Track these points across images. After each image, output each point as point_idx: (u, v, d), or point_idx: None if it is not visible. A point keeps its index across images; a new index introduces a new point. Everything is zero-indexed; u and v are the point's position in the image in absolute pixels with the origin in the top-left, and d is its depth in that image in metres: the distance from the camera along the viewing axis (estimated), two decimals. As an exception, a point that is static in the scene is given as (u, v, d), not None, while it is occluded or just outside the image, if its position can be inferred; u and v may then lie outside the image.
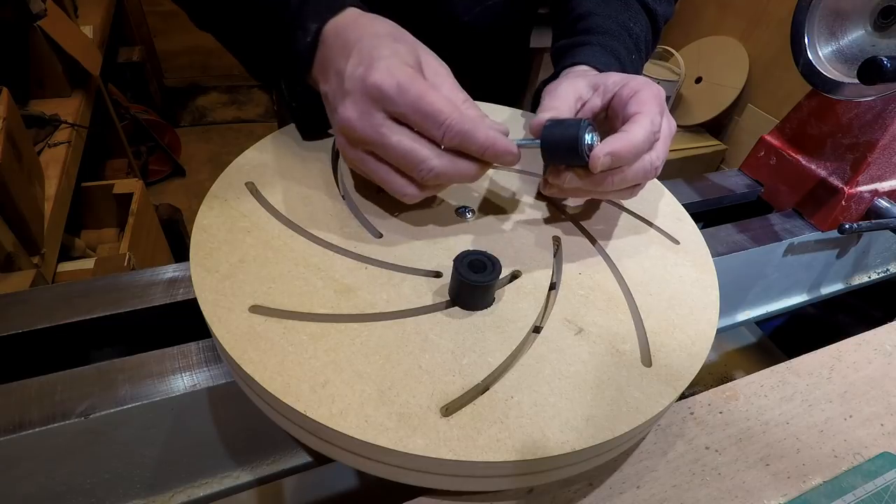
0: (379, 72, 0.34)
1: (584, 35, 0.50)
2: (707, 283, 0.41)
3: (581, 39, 0.49)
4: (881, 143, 0.54)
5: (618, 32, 0.50)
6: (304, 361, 0.30)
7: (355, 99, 0.35)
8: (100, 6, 1.64)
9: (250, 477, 0.43)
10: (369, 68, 0.34)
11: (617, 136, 0.36)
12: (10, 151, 0.84)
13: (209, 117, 2.44)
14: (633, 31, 0.51)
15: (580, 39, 0.49)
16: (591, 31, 0.50)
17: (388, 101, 0.34)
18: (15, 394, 0.34)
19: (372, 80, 0.34)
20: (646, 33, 0.53)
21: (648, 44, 0.54)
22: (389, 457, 0.28)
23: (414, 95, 0.33)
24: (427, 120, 0.34)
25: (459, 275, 0.34)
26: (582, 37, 0.50)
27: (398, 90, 0.33)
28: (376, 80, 0.34)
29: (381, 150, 0.35)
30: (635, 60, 0.51)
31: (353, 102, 0.35)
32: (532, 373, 0.32)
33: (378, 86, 0.34)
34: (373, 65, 0.34)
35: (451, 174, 0.36)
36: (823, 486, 0.37)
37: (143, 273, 0.42)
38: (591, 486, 0.35)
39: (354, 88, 0.35)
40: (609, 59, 0.48)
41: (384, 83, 0.34)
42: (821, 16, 0.51)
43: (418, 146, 0.35)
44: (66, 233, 1.06)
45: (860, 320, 0.75)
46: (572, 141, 0.35)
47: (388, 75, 0.34)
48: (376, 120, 0.35)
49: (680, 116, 1.94)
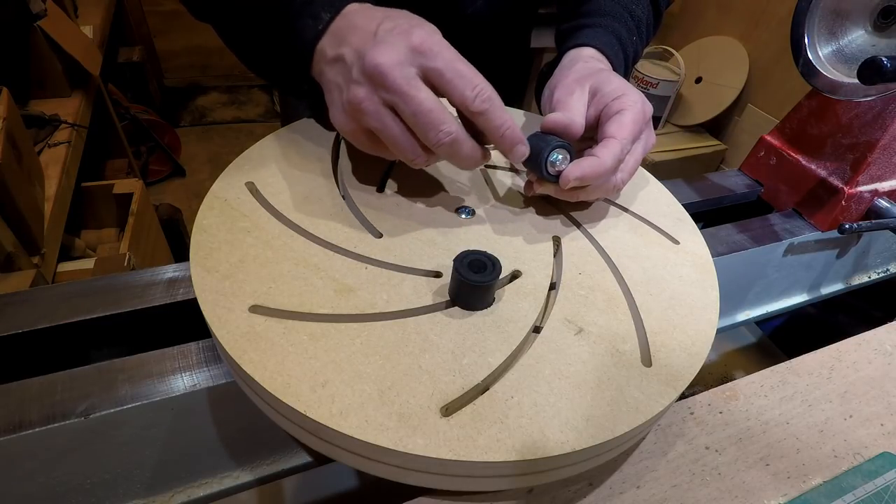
0: (421, 31, 0.35)
1: (587, 17, 0.51)
2: (707, 283, 0.41)
3: (584, 21, 0.51)
4: (881, 143, 0.54)
5: (620, 14, 0.51)
6: (304, 361, 0.30)
7: (394, 45, 0.34)
8: (100, 6, 1.64)
9: (250, 477, 0.43)
10: (410, 27, 0.35)
11: (587, 160, 0.39)
12: (10, 151, 0.84)
13: (209, 117, 2.44)
14: (636, 13, 0.52)
15: (583, 21, 0.51)
16: (594, 14, 0.51)
17: (427, 55, 0.35)
18: (15, 394, 0.34)
19: (416, 35, 0.35)
20: (647, 16, 0.54)
21: (650, 26, 0.55)
22: (389, 457, 0.28)
23: (452, 55, 0.35)
24: (462, 79, 0.35)
25: (459, 275, 0.34)
26: (584, 19, 0.51)
27: (440, 47, 0.35)
28: (420, 35, 0.35)
29: (406, 102, 0.34)
30: (636, 42, 0.52)
31: (390, 47, 0.34)
32: (532, 373, 0.32)
33: (422, 40, 0.35)
34: (413, 25, 0.35)
35: (462, 144, 0.36)
36: (823, 486, 0.37)
37: (143, 273, 0.42)
38: (591, 486, 0.35)
39: (392, 38, 0.35)
40: (611, 39, 0.49)
41: (426, 39, 0.35)
42: (821, 16, 0.51)
43: (441, 107, 0.35)
44: (66, 233, 1.06)
45: (860, 320, 0.75)
46: (539, 160, 0.39)
47: (428, 35, 0.35)
48: (409, 72, 0.35)
49: (680, 116, 1.94)
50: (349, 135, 0.39)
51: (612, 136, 0.40)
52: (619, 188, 0.42)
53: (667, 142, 1.87)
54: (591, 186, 0.41)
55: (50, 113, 1.15)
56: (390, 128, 0.36)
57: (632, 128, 0.40)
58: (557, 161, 0.40)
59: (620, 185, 0.42)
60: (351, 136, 0.39)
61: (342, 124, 0.38)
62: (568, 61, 0.48)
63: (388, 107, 0.36)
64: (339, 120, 0.38)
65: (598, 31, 0.50)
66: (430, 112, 0.34)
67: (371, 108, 0.36)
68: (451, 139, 0.35)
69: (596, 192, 0.42)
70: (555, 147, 0.39)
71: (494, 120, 0.36)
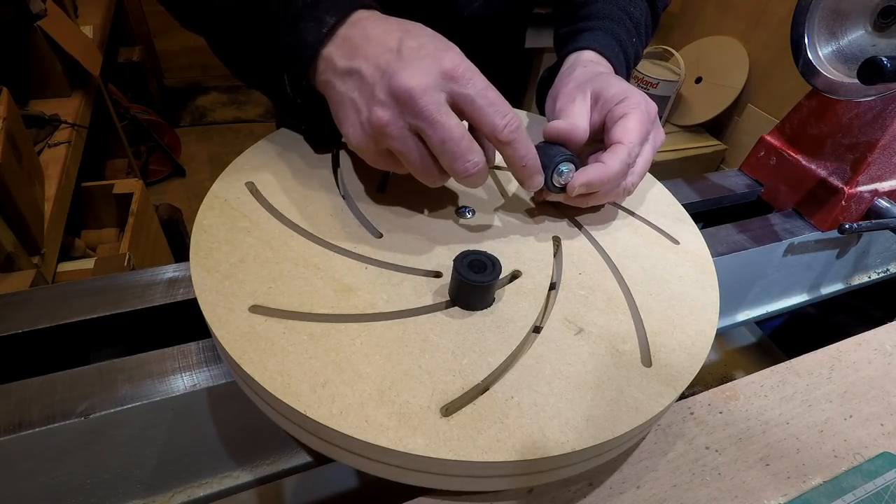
0: (452, 55, 0.34)
1: (586, 21, 0.51)
2: (707, 283, 0.41)
3: (584, 25, 0.51)
4: (881, 143, 0.54)
5: (619, 17, 0.51)
6: (304, 361, 0.30)
7: (425, 69, 0.33)
8: (100, 6, 1.64)
9: (250, 477, 0.43)
10: (439, 48, 0.34)
11: (594, 167, 0.39)
12: (10, 151, 0.84)
13: (209, 117, 2.44)
14: (634, 15, 0.53)
15: (583, 25, 0.51)
16: (593, 17, 0.51)
17: (459, 81, 0.34)
18: (15, 394, 0.34)
19: (447, 59, 0.34)
20: (645, 18, 0.55)
21: (648, 28, 0.56)
22: (389, 457, 0.28)
23: (483, 83, 0.34)
24: (493, 107, 0.34)
25: (459, 275, 0.34)
26: (584, 22, 0.51)
27: (471, 73, 0.34)
28: (452, 59, 0.34)
29: (435, 129, 0.34)
30: (635, 43, 0.53)
31: (421, 71, 0.33)
32: (532, 373, 0.32)
33: (454, 65, 0.34)
34: (439, 48, 0.34)
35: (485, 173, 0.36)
36: (823, 486, 0.37)
37: (143, 273, 0.42)
38: (591, 486, 0.35)
39: (422, 61, 0.33)
40: (610, 41, 0.49)
41: (459, 64, 0.34)
42: (821, 16, 0.51)
43: (470, 136, 0.35)
44: (66, 233, 1.06)
45: (860, 320, 0.75)
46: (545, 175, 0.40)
47: (460, 60, 0.34)
48: (440, 97, 0.33)
49: (680, 116, 1.94)
50: (364, 153, 0.38)
51: (619, 142, 0.40)
52: (629, 191, 0.43)
53: (667, 142, 1.84)
54: (601, 192, 0.41)
55: (50, 113, 1.15)
56: (412, 152, 0.35)
57: (638, 130, 0.40)
58: (563, 174, 0.40)
59: (631, 189, 0.42)
60: (365, 154, 0.38)
61: (359, 142, 0.37)
62: (568, 67, 0.48)
63: (413, 131, 0.35)
64: (356, 138, 0.37)
65: (597, 34, 0.50)
66: (461, 141, 0.34)
67: (396, 132, 0.34)
68: (477, 170, 0.35)
69: (606, 197, 0.42)
70: (560, 161, 0.40)
71: (520, 150, 0.36)
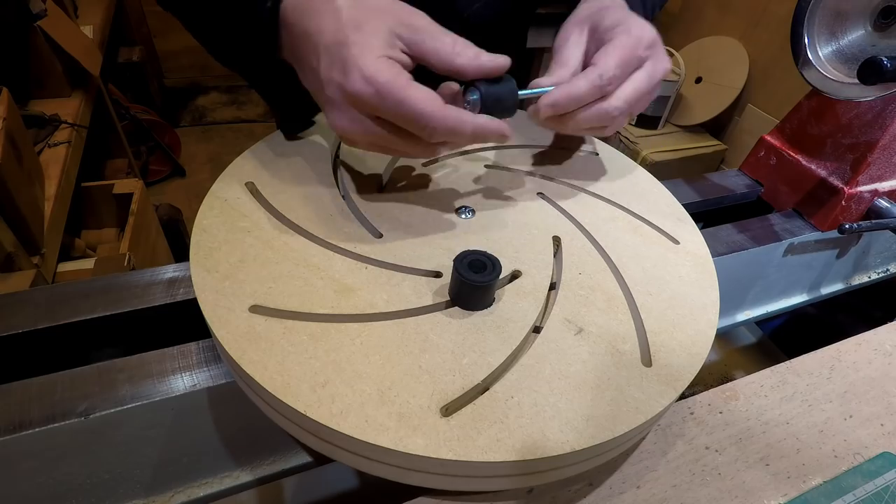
0: (354, 79, 0.33)
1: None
2: (707, 283, 0.41)
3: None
4: (881, 143, 0.54)
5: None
6: (304, 361, 0.30)
7: (342, 108, 0.35)
8: (100, 6, 1.64)
9: (250, 477, 0.43)
10: (345, 74, 0.33)
11: (560, 87, 0.39)
12: (10, 151, 0.84)
13: (209, 117, 2.44)
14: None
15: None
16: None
17: (370, 107, 0.34)
18: (15, 394, 0.34)
19: (351, 89, 0.33)
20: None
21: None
22: (389, 457, 0.28)
23: (394, 99, 0.33)
24: (411, 124, 0.34)
25: (459, 275, 0.34)
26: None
27: (378, 96, 0.33)
28: (356, 88, 0.33)
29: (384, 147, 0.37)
30: None
31: (340, 112, 0.35)
32: (532, 373, 0.32)
33: (358, 94, 0.33)
34: (347, 69, 0.33)
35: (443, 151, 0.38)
36: (823, 486, 0.37)
37: (143, 273, 0.42)
38: (591, 486, 0.35)
39: (337, 97, 0.35)
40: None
41: (362, 92, 0.33)
42: (821, 16, 0.51)
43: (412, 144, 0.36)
44: (66, 233, 1.06)
45: (860, 320, 0.75)
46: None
47: (363, 83, 0.33)
48: (367, 126, 0.35)
49: (680, 116, 1.94)
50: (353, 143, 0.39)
51: (594, 63, 0.39)
52: (614, 116, 0.40)
53: (667, 142, 1.87)
54: (581, 116, 0.40)
55: (50, 113, 1.15)
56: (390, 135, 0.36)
57: (618, 54, 0.39)
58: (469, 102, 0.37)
59: (616, 113, 0.40)
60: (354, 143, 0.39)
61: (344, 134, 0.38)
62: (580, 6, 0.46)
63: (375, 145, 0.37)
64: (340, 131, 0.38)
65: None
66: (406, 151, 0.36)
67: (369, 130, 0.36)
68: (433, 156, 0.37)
69: (587, 120, 0.40)
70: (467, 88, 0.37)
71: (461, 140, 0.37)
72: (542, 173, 0.49)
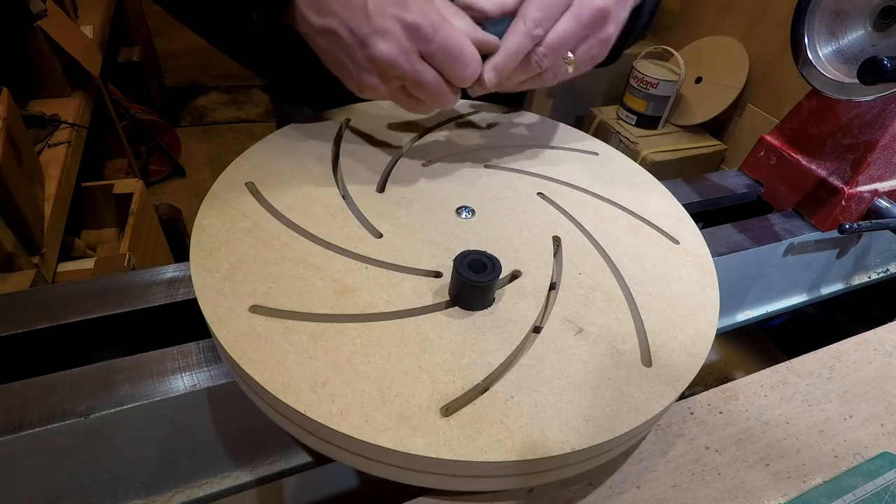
0: (414, 12, 0.36)
1: None
2: (707, 283, 0.41)
3: None
4: (881, 143, 0.54)
5: None
6: (304, 361, 0.30)
7: (395, 37, 0.36)
8: (100, 6, 1.64)
9: (250, 477, 0.43)
10: (403, 7, 0.36)
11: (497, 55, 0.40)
12: (10, 151, 0.84)
13: (209, 117, 2.44)
14: None
15: None
16: None
17: (423, 39, 0.36)
18: (15, 394, 0.34)
19: (412, 19, 0.36)
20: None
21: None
22: (389, 457, 0.28)
23: (444, 35, 0.37)
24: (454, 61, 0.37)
25: (459, 275, 0.34)
26: None
27: (433, 30, 0.36)
28: (415, 19, 0.36)
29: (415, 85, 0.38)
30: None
31: (392, 40, 0.36)
32: (532, 373, 0.32)
33: (417, 25, 0.36)
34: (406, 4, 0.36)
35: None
36: (823, 486, 0.37)
37: (143, 273, 0.42)
38: (591, 486, 0.35)
39: (391, 27, 0.36)
40: None
41: (422, 23, 0.36)
42: (821, 16, 0.51)
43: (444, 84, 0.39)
44: (66, 233, 1.06)
45: (860, 320, 0.75)
46: None
47: (422, 15, 0.36)
48: (415, 58, 0.37)
49: (680, 116, 1.94)
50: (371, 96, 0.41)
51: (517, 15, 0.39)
52: (544, 65, 0.40)
53: (667, 142, 1.87)
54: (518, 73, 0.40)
55: (50, 113, 1.15)
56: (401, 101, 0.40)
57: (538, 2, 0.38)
58: None
59: (545, 62, 0.40)
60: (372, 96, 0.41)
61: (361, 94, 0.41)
62: None
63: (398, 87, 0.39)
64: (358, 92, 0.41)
65: None
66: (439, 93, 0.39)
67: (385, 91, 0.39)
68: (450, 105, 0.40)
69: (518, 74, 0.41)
70: None
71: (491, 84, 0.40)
72: (541, 173, 0.49)
